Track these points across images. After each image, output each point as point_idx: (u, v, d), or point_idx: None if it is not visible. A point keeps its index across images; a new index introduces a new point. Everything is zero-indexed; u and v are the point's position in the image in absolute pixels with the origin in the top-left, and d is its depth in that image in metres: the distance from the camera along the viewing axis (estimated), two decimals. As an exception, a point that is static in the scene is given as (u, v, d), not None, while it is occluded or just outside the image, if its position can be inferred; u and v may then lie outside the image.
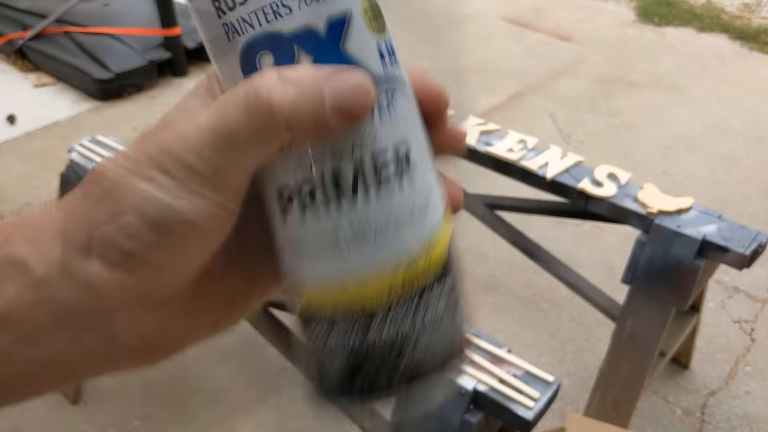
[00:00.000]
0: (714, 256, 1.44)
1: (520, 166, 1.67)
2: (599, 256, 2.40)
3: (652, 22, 4.21)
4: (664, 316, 1.51)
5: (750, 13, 4.38)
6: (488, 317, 2.15)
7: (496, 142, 1.74)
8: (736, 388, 1.94)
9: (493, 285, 2.27)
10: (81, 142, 1.70)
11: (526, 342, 2.07)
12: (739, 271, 2.30)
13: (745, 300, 2.25)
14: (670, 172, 2.87)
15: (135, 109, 3.23)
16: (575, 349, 2.05)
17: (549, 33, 4.05)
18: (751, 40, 4.02)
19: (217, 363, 1.97)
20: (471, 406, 1.08)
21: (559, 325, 2.13)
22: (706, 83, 3.55)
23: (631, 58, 3.78)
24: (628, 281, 1.54)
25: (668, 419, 1.85)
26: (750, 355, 2.05)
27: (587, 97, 3.40)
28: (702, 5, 4.45)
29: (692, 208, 1.52)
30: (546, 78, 3.56)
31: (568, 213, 1.87)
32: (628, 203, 1.55)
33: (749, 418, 1.85)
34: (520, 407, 1.04)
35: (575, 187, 1.59)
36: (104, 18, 3.56)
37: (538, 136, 3.05)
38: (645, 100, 3.38)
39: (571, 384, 1.94)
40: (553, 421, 1.84)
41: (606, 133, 3.11)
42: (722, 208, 2.67)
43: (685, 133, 3.14)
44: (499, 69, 3.64)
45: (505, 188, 2.72)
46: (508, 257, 2.38)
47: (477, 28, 4.10)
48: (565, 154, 1.69)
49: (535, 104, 3.32)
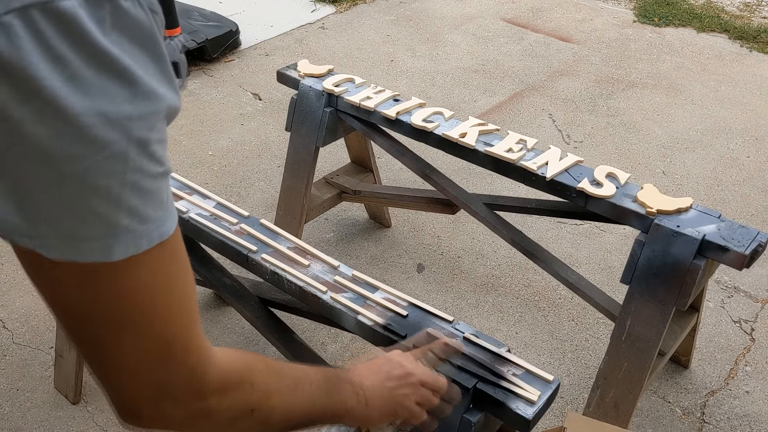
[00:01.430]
0: (714, 255, 1.44)
1: (520, 166, 1.67)
2: (599, 256, 2.40)
3: (651, 22, 4.21)
4: (664, 316, 1.51)
5: (750, 13, 4.38)
6: (488, 317, 2.15)
7: (495, 142, 1.74)
8: (736, 388, 1.94)
9: (493, 285, 2.27)
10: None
11: (525, 341, 2.07)
12: (739, 271, 2.31)
13: (745, 300, 2.25)
14: (669, 172, 2.87)
15: (135, 110, 3.23)
16: (575, 348, 2.05)
17: (549, 33, 4.06)
18: (751, 40, 4.02)
19: (217, 363, 1.97)
20: (471, 405, 1.08)
21: (558, 324, 2.13)
22: (706, 83, 3.56)
23: (631, 58, 3.78)
24: (628, 281, 1.54)
25: (668, 419, 1.85)
26: (750, 355, 2.05)
27: (587, 97, 3.40)
28: (702, 5, 4.45)
29: (692, 208, 1.52)
30: (546, 78, 3.57)
31: (567, 213, 1.87)
32: (628, 203, 1.55)
33: (749, 418, 1.86)
34: (519, 406, 1.04)
35: (575, 187, 1.59)
36: (104, 18, 3.56)
37: (538, 136, 3.07)
38: (645, 100, 3.39)
39: (571, 383, 1.94)
40: (553, 420, 1.84)
41: (606, 133, 3.12)
42: (722, 208, 2.69)
43: (684, 133, 3.14)
44: (499, 69, 3.64)
45: (505, 188, 2.72)
46: (508, 257, 2.39)
47: (477, 28, 4.10)
48: (564, 154, 1.70)
49: (534, 104, 3.33)
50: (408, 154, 2.03)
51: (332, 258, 1.36)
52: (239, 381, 0.68)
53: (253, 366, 0.71)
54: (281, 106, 3.28)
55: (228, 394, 0.66)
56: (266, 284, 1.59)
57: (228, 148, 2.96)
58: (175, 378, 0.61)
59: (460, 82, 3.51)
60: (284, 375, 0.75)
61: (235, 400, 0.67)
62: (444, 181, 1.98)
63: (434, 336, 1.04)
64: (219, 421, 0.67)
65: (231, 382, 0.67)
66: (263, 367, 0.72)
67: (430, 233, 2.50)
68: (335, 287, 1.29)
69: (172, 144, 2.97)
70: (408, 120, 1.85)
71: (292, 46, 3.84)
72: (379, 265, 2.36)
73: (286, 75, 2.09)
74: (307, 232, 2.47)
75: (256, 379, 0.70)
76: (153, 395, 0.61)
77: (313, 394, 0.78)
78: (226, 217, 1.46)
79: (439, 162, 2.79)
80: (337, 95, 1.96)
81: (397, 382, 0.88)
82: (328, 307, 1.27)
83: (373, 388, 0.86)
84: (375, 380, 0.87)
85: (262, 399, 0.71)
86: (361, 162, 2.36)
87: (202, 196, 1.54)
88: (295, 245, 1.40)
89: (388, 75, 3.56)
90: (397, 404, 0.88)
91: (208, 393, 0.64)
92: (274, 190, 2.66)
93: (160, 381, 0.60)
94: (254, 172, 2.81)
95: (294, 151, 2.10)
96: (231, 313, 2.12)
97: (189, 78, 3.51)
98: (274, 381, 0.73)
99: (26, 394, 1.87)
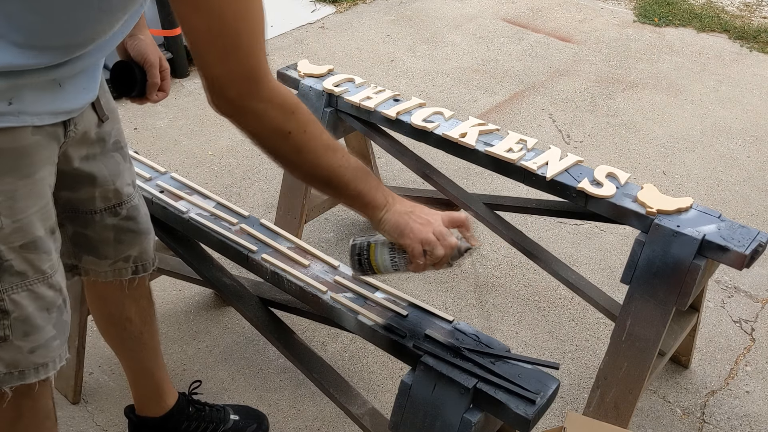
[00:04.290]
0: (714, 255, 1.44)
1: (520, 166, 1.67)
2: (599, 256, 2.40)
3: (652, 22, 4.21)
4: (664, 316, 1.51)
5: (750, 13, 4.38)
6: (488, 317, 2.15)
7: (496, 142, 1.74)
8: (736, 388, 1.94)
9: (493, 285, 2.27)
10: (81, 142, 1.70)
11: (525, 341, 2.07)
12: (739, 271, 2.31)
13: (745, 300, 2.25)
14: (669, 172, 2.87)
15: (135, 109, 3.23)
16: (575, 348, 2.05)
17: (549, 33, 4.06)
18: (751, 40, 4.02)
19: (217, 362, 1.97)
20: (471, 405, 1.08)
21: (558, 324, 2.13)
22: (706, 83, 3.56)
23: (631, 58, 3.78)
24: (628, 281, 1.54)
25: (668, 419, 1.85)
26: (750, 354, 2.05)
27: (587, 97, 3.40)
28: (702, 5, 4.45)
29: (692, 208, 1.52)
30: (546, 78, 3.57)
31: (567, 213, 1.87)
32: (628, 203, 1.55)
33: (749, 418, 1.86)
34: (519, 406, 1.04)
35: (575, 187, 1.59)
36: (104, 18, 3.56)
37: (538, 136, 3.07)
38: (645, 100, 3.39)
39: (571, 383, 1.94)
40: (553, 420, 1.84)
41: (606, 133, 3.12)
42: (722, 208, 2.69)
43: (684, 133, 3.14)
44: (499, 69, 3.65)
45: (505, 188, 2.72)
46: (508, 257, 2.39)
47: (477, 28, 4.10)
48: (564, 154, 1.70)
49: (534, 104, 3.33)
50: (408, 154, 2.03)
51: (332, 258, 1.36)
52: (283, 104, 0.94)
53: (299, 106, 0.97)
54: (281, 106, 3.27)
55: (274, 107, 0.93)
56: (266, 284, 1.59)
57: (228, 148, 2.96)
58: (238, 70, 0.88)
59: (460, 82, 3.51)
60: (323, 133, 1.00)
61: (278, 117, 0.94)
62: (444, 181, 1.98)
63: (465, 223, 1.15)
64: (264, 125, 0.94)
65: (277, 101, 0.94)
66: (308, 115, 0.98)
67: (430, 233, 2.50)
68: (335, 287, 1.29)
69: (172, 144, 2.97)
70: (408, 120, 1.85)
71: (292, 46, 3.84)
72: (379, 265, 2.36)
73: (287, 75, 2.09)
74: (307, 232, 2.47)
75: (298, 114, 0.96)
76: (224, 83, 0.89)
77: (343, 165, 1.02)
78: (226, 217, 1.46)
79: (439, 162, 2.79)
80: (338, 95, 1.96)
81: (417, 218, 1.09)
82: (328, 307, 1.27)
83: (399, 207, 1.09)
84: (404, 207, 1.10)
85: (299, 130, 0.96)
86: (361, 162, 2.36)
87: (203, 196, 1.54)
88: (295, 245, 1.40)
89: (388, 75, 3.56)
90: (407, 228, 1.08)
91: (261, 98, 0.92)
92: (274, 190, 2.66)
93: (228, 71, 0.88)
94: (254, 172, 2.81)
95: (294, 151, 2.10)
96: (231, 313, 2.12)
97: (189, 78, 3.51)
98: (311, 127, 0.98)
99: (26, 394, 1.87)
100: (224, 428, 1.68)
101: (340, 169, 1.01)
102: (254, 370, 1.95)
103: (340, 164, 1.01)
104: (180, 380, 1.90)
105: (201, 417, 1.65)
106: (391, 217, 1.08)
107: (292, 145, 0.97)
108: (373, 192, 1.06)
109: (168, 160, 2.86)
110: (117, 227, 1.31)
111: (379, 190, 1.07)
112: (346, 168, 1.02)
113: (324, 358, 1.50)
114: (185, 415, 1.63)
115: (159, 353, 1.59)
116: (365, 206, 1.07)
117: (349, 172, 1.03)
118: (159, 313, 2.13)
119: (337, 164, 1.01)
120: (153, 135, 3.04)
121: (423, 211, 1.10)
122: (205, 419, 1.66)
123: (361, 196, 1.05)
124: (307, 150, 0.98)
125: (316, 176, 1.02)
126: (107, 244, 1.32)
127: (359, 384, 1.91)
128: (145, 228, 1.37)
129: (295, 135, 0.96)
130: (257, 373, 1.94)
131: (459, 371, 1.08)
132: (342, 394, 1.42)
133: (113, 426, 1.77)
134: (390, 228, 1.09)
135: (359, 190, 1.05)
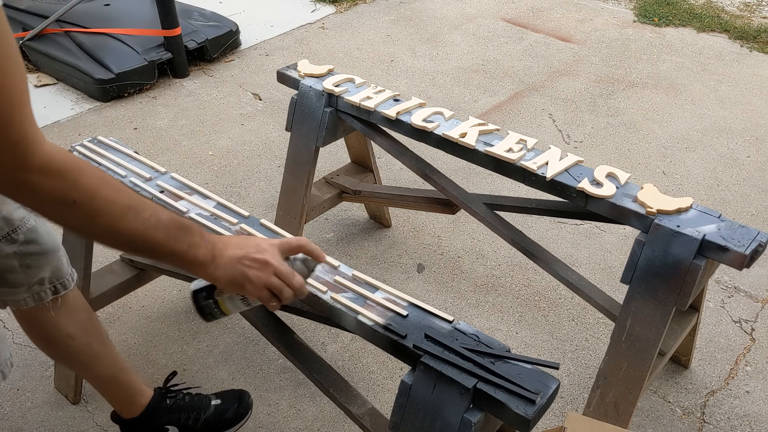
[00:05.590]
0: (714, 255, 1.44)
1: (520, 166, 1.67)
2: (599, 256, 2.40)
3: (652, 22, 4.21)
4: (664, 316, 1.51)
5: (750, 13, 4.38)
6: (488, 317, 2.15)
7: (496, 142, 1.74)
8: (736, 388, 1.94)
9: (493, 285, 2.27)
10: (82, 143, 1.71)
11: (525, 341, 2.07)
12: (739, 271, 2.31)
13: (745, 300, 2.25)
14: (669, 172, 2.87)
15: (136, 110, 3.24)
16: (575, 348, 2.05)
17: (549, 33, 4.06)
18: (751, 40, 4.02)
19: (217, 362, 1.97)
20: (471, 405, 1.08)
21: (558, 324, 2.13)
22: (706, 83, 3.56)
23: (631, 58, 3.78)
24: (628, 281, 1.54)
25: (668, 419, 1.85)
26: (750, 354, 2.05)
27: (587, 97, 3.40)
28: (702, 5, 4.45)
29: (692, 208, 1.52)
30: (546, 78, 3.57)
31: (567, 213, 1.87)
32: (628, 203, 1.55)
33: (749, 418, 1.86)
34: (519, 406, 1.04)
35: (575, 187, 1.59)
36: (105, 18, 3.57)
37: (538, 136, 3.07)
38: (645, 100, 3.39)
39: (571, 383, 1.94)
40: (553, 420, 1.84)
41: (606, 133, 3.12)
42: (722, 208, 2.69)
43: (684, 132, 3.14)
44: (499, 69, 3.65)
45: (505, 188, 2.72)
46: (508, 257, 2.39)
47: (477, 28, 4.10)
48: (564, 154, 1.70)
49: (534, 104, 3.33)
50: (408, 154, 2.03)
51: (332, 258, 1.36)
52: (62, 171, 0.81)
53: (83, 169, 0.84)
54: (281, 106, 3.28)
55: (50, 178, 0.80)
56: (266, 284, 1.58)
57: (228, 148, 2.96)
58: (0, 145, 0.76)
59: (460, 82, 3.51)
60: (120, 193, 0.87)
61: (57, 187, 0.81)
62: (444, 181, 1.98)
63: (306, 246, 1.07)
64: (43, 198, 0.81)
65: (53, 168, 0.80)
66: (96, 175, 0.85)
67: (430, 233, 2.50)
68: (335, 287, 1.29)
69: (172, 144, 2.97)
70: (408, 120, 1.85)
71: (292, 46, 3.84)
72: (379, 265, 2.36)
73: (286, 75, 2.09)
74: (307, 232, 2.47)
75: (83, 179, 0.83)
76: None
77: (152, 225, 0.90)
78: (226, 217, 1.46)
79: (439, 162, 2.79)
80: (338, 95, 1.96)
81: (252, 262, 1.00)
82: (328, 307, 1.27)
83: (229, 257, 0.99)
84: (233, 253, 0.99)
85: (86, 198, 0.83)
86: (361, 162, 2.36)
87: (203, 196, 1.54)
88: (295, 245, 1.40)
89: (388, 75, 3.56)
90: (246, 279, 0.99)
91: (30, 169, 0.78)
92: (274, 190, 2.66)
93: None
94: (254, 172, 2.81)
95: (294, 151, 2.10)
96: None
97: (189, 78, 3.51)
98: (103, 191, 0.85)
99: (26, 394, 1.87)
100: (206, 415, 1.67)
101: (147, 231, 0.90)
102: (254, 370, 1.95)
103: (146, 226, 0.89)
104: (180, 380, 1.90)
105: (180, 408, 1.65)
106: (223, 273, 0.98)
107: (81, 215, 0.84)
108: (193, 250, 0.95)
109: (168, 160, 2.86)
110: (19, 254, 1.28)
111: (201, 246, 0.96)
112: (155, 228, 0.90)
113: (324, 358, 1.50)
114: (163, 409, 1.63)
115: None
116: (187, 265, 0.96)
117: (160, 232, 0.91)
118: (159, 312, 2.14)
119: (143, 226, 0.89)
120: (153, 135, 3.04)
121: (256, 249, 1.01)
122: (185, 409, 1.65)
123: (177, 256, 0.94)
124: (102, 216, 0.85)
125: (120, 242, 0.90)
126: (14, 272, 1.29)
127: (359, 384, 1.91)
128: (50, 247, 1.34)
129: (83, 203, 0.83)
130: (257, 373, 1.94)
131: (459, 371, 1.08)
132: (342, 394, 1.42)
133: (113, 426, 1.77)
134: (226, 284, 1.00)
135: (174, 250, 0.93)
